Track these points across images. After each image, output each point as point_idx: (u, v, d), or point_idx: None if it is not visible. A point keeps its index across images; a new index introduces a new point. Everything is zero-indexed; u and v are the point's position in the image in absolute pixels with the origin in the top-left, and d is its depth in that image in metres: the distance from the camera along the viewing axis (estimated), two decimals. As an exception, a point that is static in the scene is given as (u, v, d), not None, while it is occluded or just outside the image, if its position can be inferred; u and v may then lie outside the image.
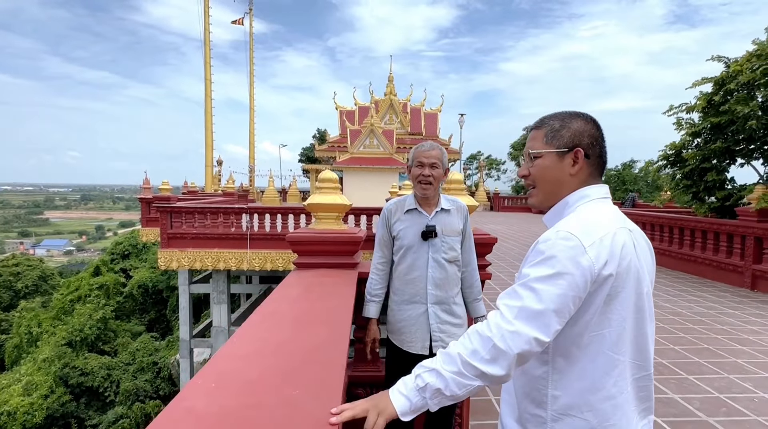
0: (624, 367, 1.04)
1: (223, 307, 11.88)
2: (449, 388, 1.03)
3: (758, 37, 8.65)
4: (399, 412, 1.06)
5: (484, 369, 1.00)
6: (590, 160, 1.14)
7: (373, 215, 10.42)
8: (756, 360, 4.26)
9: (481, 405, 3.28)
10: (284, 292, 2.20)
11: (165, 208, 10.68)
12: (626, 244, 1.04)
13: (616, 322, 1.02)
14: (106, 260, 27.83)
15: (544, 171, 1.16)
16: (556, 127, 1.15)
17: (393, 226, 2.24)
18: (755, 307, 6.34)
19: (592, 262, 0.98)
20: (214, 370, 1.29)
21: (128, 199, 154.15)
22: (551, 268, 0.99)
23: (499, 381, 1.04)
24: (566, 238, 1.00)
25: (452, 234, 2.19)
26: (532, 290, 1.00)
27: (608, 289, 1.01)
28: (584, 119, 1.15)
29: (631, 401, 1.07)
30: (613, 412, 1.04)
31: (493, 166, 36.89)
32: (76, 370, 18.87)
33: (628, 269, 1.02)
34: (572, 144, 1.13)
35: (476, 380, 1.02)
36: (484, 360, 1.01)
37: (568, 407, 1.06)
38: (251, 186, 24.95)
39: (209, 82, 22.64)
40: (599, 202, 1.11)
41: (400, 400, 1.07)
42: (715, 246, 8.38)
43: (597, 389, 1.04)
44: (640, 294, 1.06)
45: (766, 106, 8.12)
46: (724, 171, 9.22)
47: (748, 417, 3.16)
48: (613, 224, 1.05)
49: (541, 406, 1.09)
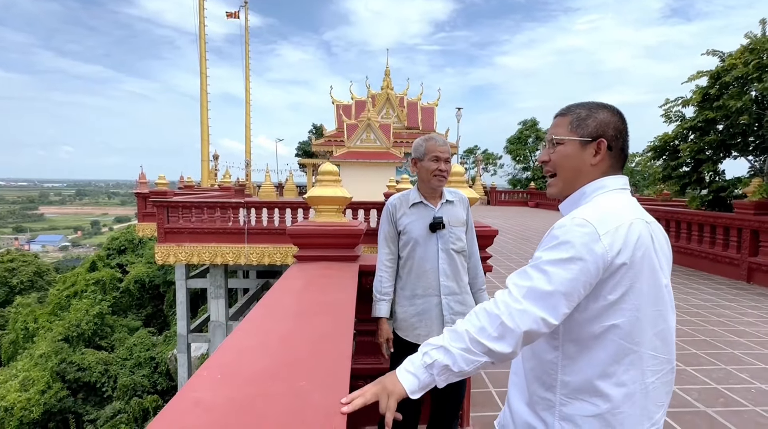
0: (639, 357, 1.04)
1: (220, 301, 11.87)
2: (457, 364, 1.04)
3: (751, 31, 8.68)
4: (408, 390, 1.07)
5: (491, 346, 1.02)
6: (612, 152, 1.13)
7: (370, 209, 10.41)
8: (753, 351, 4.30)
9: (480, 398, 3.29)
10: (286, 285, 2.20)
11: (162, 202, 10.63)
12: (642, 235, 1.03)
13: (630, 312, 1.02)
14: (102, 256, 27.73)
15: (564, 158, 1.16)
16: (582, 116, 1.14)
17: (399, 221, 2.23)
18: (751, 299, 6.39)
19: (606, 249, 0.98)
20: (220, 362, 1.28)
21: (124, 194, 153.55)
22: (564, 252, 1.00)
23: (506, 358, 1.05)
24: (581, 225, 1.00)
25: (458, 224, 2.20)
26: (543, 272, 1.01)
27: (621, 278, 1.00)
28: (611, 111, 1.15)
29: (650, 393, 1.06)
30: (623, 400, 1.04)
31: (490, 161, 36.89)
32: (73, 366, 18.84)
33: (642, 260, 1.02)
34: (596, 134, 1.12)
35: (484, 357, 1.03)
36: (492, 337, 1.02)
37: (578, 392, 1.06)
38: (248, 181, 24.86)
39: (205, 77, 22.50)
40: (617, 192, 1.11)
41: (408, 379, 1.08)
42: (712, 239, 8.43)
43: (607, 376, 1.03)
44: (658, 286, 1.05)
45: (759, 101, 8.17)
46: (718, 163, 9.25)
47: (746, 407, 3.19)
48: (629, 215, 1.05)
49: (551, 390, 1.09)
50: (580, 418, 1.05)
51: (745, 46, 8.54)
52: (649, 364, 1.06)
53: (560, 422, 1.08)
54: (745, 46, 8.53)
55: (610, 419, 1.04)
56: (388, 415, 1.07)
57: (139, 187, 15.34)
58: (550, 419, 1.09)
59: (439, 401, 2.25)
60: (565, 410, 1.07)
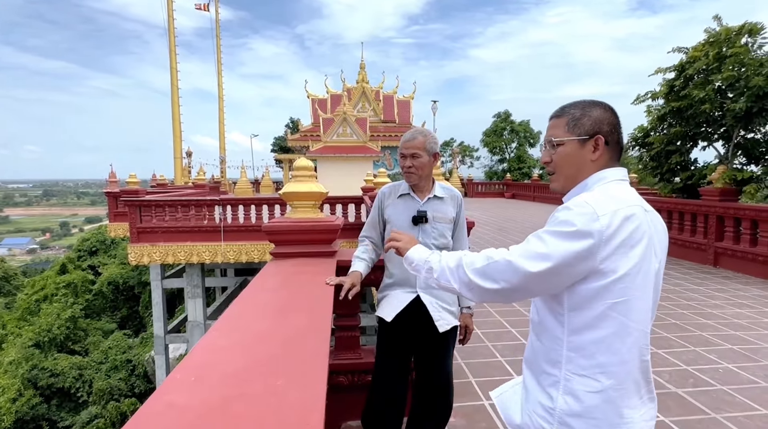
0: (639, 335, 1.11)
1: (198, 301, 11.68)
2: (437, 273, 1.29)
3: (710, 26, 9.00)
4: (407, 255, 1.44)
5: (472, 277, 1.19)
6: (609, 146, 1.20)
7: (348, 204, 10.37)
8: (720, 332, 4.46)
9: (461, 388, 3.32)
10: (263, 283, 2.17)
11: (133, 202, 10.37)
12: (641, 222, 1.09)
13: (631, 291, 1.08)
14: (73, 257, 26.94)
15: (565, 158, 1.23)
16: (577, 116, 1.21)
17: (385, 210, 2.27)
18: (718, 282, 6.63)
19: (604, 228, 1.04)
20: (194, 363, 1.25)
21: (94, 193, 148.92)
22: (564, 227, 1.08)
23: (478, 296, 1.21)
24: (581, 206, 1.08)
25: (444, 221, 2.20)
26: (540, 238, 1.11)
27: (621, 258, 1.06)
28: (603, 107, 1.22)
29: (644, 370, 1.14)
30: (625, 377, 1.10)
31: (467, 153, 37.17)
32: (46, 372, 18.30)
33: (640, 244, 1.08)
34: (593, 131, 1.19)
35: (456, 284, 1.24)
36: (476, 271, 1.18)
37: (582, 368, 1.11)
38: (223, 177, 24.45)
39: (175, 71, 21.94)
40: (617, 183, 1.18)
41: (415, 252, 1.43)
42: (680, 225, 8.70)
43: (612, 353, 1.09)
44: (655, 271, 1.13)
45: (721, 90, 8.47)
46: (687, 153, 9.56)
47: (714, 387, 3.32)
48: (628, 202, 1.11)
49: (557, 366, 1.15)
50: (583, 394, 1.10)
51: (705, 40, 8.86)
52: (644, 343, 1.13)
53: (564, 396, 1.13)
54: (706, 39, 8.85)
55: (612, 394, 1.09)
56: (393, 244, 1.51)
57: (110, 186, 14.92)
58: (555, 394, 1.14)
59: (422, 402, 2.26)
60: (569, 385, 1.12)
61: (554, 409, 1.13)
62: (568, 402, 1.12)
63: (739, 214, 7.33)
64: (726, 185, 7.80)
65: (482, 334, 4.32)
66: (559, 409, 1.12)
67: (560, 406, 1.12)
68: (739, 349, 4.03)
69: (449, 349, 2.25)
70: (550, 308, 1.18)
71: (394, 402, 2.24)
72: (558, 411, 1.12)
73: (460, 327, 2.33)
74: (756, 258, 6.91)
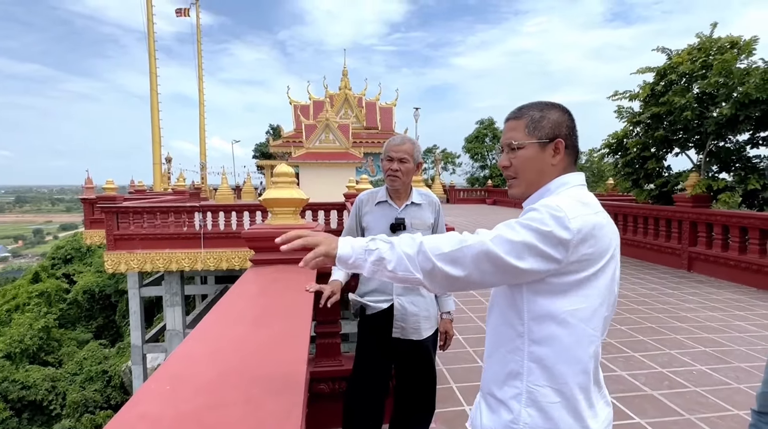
0: (596, 342, 1.10)
1: (177, 309, 11.46)
2: (393, 263, 1.08)
3: (702, 32, 9.11)
4: (338, 255, 1.11)
5: (438, 263, 1.05)
6: (569, 150, 1.18)
7: (330, 210, 10.34)
8: (693, 335, 4.58)
9: (443, 394, 3.33)
10: (241, 290, 2.15)
11: (110, 208, 10.15)
12: (607, 227, 1.08)
13: (593, 298, 1.06)
14: (47, 266, 26.18)
15: (526, 162, 1.18)
16: (536, 118, 1.17)
17: (363, 217, 2.26)
18: (692, 286, 6.80)
19: (574, 233, 1.01)
20: (169, 372, 1.23)
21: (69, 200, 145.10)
22: (539, 225, 1.03)
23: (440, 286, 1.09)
24: (554, 209, 1.04)
25: (422, 227, 2.20)
26: (512, 227, 1.05)
27: (586, 264, 1.04)
28: (560, 110, 1.19)
29: (596, 378, 1.13)
30: (587, 384, 1.09)
31: (449, 160, 37.46)
32: (17, 384, 17.67)
33: (606, 250, 1.07)
34: (553, 134, 1.15)
35: (420, 274, 1.06)
36: (444, 256, 1.05)
37: (545, 379, 1.08)
38: (203, 183, 24.12)
39: (154, 76, 21.65)
40: (578, 188, 1.16)
41: (345, 248, 1.12)
42: (656, 231, 8.90)
43: (575, 362, 1.07)
44: (615, 277, 1.12)
45: (701, 98, 8.68)
46: (663, 159, 9.78)
47: (688, 388, 3.39)
48: (596, 208, 1.10)
49: (518, 378, 1.11)
50: (546, 405, 1.07)
51: (693, 45, 8.95)
52: (599, 349, 1.12)
53: (527, 409, 1.09)
54: (694, 45, 8.93)
55: (574, 404, 1.07)
56: (311, 262, 1.13)
57: (86, 192, 14.59)
58: (517, 407, 1.10)
59: (403, 408, 2.26)
60: (532, 397, 1.09)
61: (517, 423, 1.09)
62: (531, 414, 1.08)
63: (711, 220, 7.54)
64: (700, 192, 8.01)
65: (463, 340, 4.34)
66: (522, 422, 1.09)
67: (523, 419, 1.09)
68: (711, 351, 4.13)
69: (431, 355, 2.26)
70: (508, 319, 1.14)
71: (374, 409, 2.23)
72: (521, 425, 1.09)
73: (440, 333, 2.33)
74: (727, 262, 7.12)
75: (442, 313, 2.34)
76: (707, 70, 8.41)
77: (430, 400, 2.27)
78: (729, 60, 7.97)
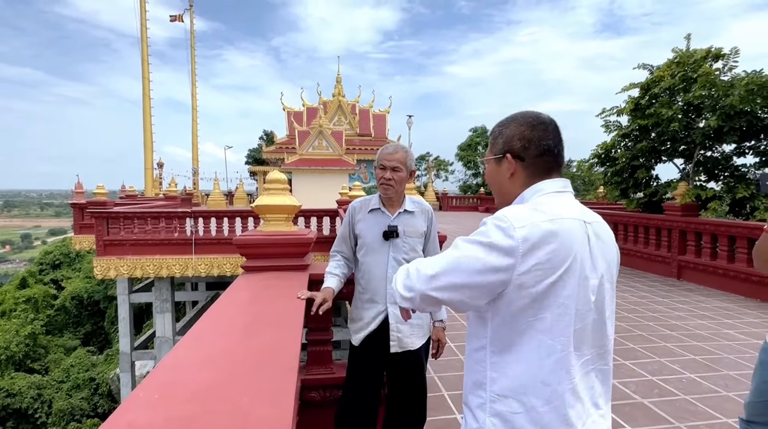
0: (564, 356, 1.05)
1: (167, 316, 11.33)
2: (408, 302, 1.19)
3: (677, 46, 9.42)
4: None
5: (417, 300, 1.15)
6: (525, 162, 1.17)
7: (323, 217, 10.32)
8: (683, 343, 4.61)
9: (433, 402, 3.32)
10: (232, 297, 2.13)
11: (100, 213, 10.05)
12: (573, 234, 1.05)
13: (555, 309, 1.03)
14: (34, 271, 25.82)
15: (489, 176, 1.25)
16: (495, 134, 1.23)
17: (356, 225, 2.25)
18: (681, 294, 6.86)
19: (519, 242, 1.00)
20: (158, 380, 1.22)
21: (58, 204, 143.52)
22: (480, 237, 1.06)
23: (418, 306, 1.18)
24: (500, 219, 1.05)
25: (415, 235, 2.20)
26: (455, 246, 1.10)
27: (542, 274, 1.02)
28: (519, 122, 1.19)
29: (582, 390, 1.08)
30: (551, 398, 1.05)
31: (442, 167, 37.58)
32: (2, 392, 17.35)
33: (567, 258, 1.03)
34: (503, 150, 1.19)
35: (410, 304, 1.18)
36: (419, 295, 1.14)
37: (506, 389, 1.07)
38: (195, 189, 23.99)
39: (147, 81, 21.58)
40: (554, 195, 1.14)
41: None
42: (646, 239, 8.99)
43: (533, 374, 1.05)
44: (586, 286, 1.07)
45: (686, 110, 8.87)
46: (651, 169, 9.94)
47: (678, 396, 3.41)
48: (560, 214, 1.06)
49: (482, 388, 1.11)
50: (510, 415, 1.07)
51: (671, 59, 9.26)
52: (583, 365, 1.08)
53: (491, 418, 1.09)
54: (672, 59, 9.24)
55: (539, 417, 1.05)
56: None
57: (76, 197, 14.42)
58: (482, 416, 1.10)
59: (395, 416, 2.25)
60: (495, 407, 1.08)
61: None
62: (495, 424, 1.08)
63: (700, 229, 7.63)
64: (689, 201, 8.12)
65: (455, 348, 4.34)
66: None
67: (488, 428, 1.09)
68: (701, 359, 4.16)
69: (422, 364, 2.25)
70: (476, 329, 1.15)
71: (367, 417, 2.22)
72: None
73: (432, 341, 2.33)
74: (716, 270, 7.19)
75: (435, 322, 2.34)
76: (687, 83, 8.65)
77: (421, 409, 2.26)
78: (711, 73, 8.22)
